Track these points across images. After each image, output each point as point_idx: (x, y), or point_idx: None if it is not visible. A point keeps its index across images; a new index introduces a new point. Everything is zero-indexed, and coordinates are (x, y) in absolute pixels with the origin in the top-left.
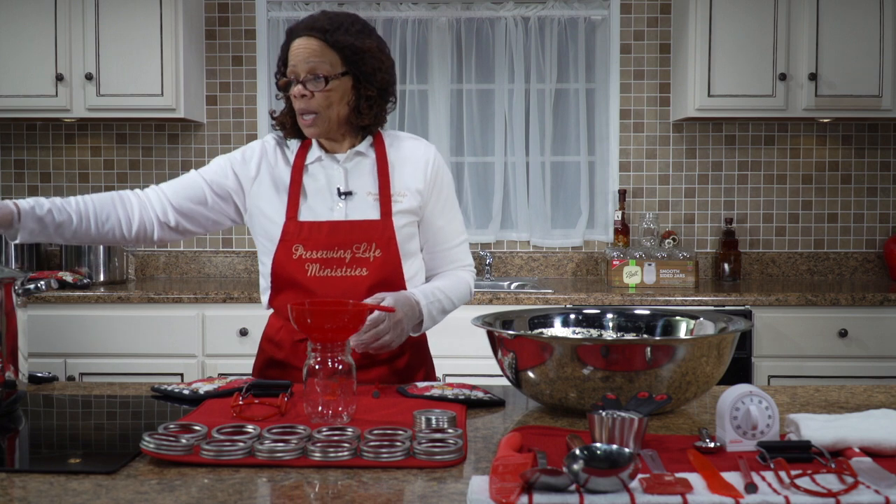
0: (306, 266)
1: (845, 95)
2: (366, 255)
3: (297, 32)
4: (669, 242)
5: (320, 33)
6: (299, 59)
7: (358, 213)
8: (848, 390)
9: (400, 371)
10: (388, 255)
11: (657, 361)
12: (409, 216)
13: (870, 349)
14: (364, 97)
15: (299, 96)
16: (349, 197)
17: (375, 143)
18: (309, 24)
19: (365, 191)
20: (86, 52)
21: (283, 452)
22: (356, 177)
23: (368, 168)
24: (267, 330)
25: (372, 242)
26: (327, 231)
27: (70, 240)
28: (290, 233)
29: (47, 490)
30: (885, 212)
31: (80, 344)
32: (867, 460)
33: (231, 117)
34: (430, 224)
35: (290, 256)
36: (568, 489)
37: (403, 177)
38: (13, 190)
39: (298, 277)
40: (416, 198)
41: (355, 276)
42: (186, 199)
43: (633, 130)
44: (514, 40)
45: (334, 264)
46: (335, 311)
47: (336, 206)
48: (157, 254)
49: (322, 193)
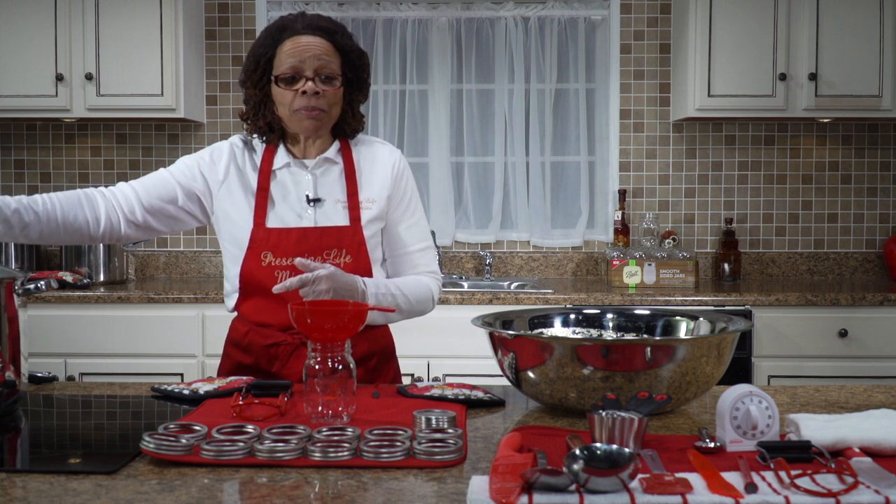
0: (276, 273)
1: (845, 95)
2: (336, 262)
3: (295, 29)
4: (669, 242)
5: (326, 34)
6: (308, 56)
7: (326, 219)
8: (848, 390)
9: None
10: (359, 261)
11: (657, 361)
12: (378, 223)
13: (870, 349)
14: (356, 102)
15: (311, 93)
16: (318, 204)
17: (342, 149)
18: (312, 22)
19: (333, 198)
20: (86, 52)
21: (283, 452)
22: (325, 184)
23: (337, 175)
24: (232, 335)
25: (342, 249)
26: (296, 238)
27: (35, 240)
28: (259, 239)
29: (47, 490)
30: (885, 212)
31: (80, 344)
32: (867, 460)
33: (231, 117)
34: (392, 228)
35: (258, 263)
36: (568, 489)
37: (371, 184)
38: (13, 190)
39: (268, 284)
40: (384, 204)
41: None
42: (157, 198)
43: (633, 130)
44: (514, 40)
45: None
46: (335, 311)
47: (305, 212)
48: (157, 254)
49: (290, 200)
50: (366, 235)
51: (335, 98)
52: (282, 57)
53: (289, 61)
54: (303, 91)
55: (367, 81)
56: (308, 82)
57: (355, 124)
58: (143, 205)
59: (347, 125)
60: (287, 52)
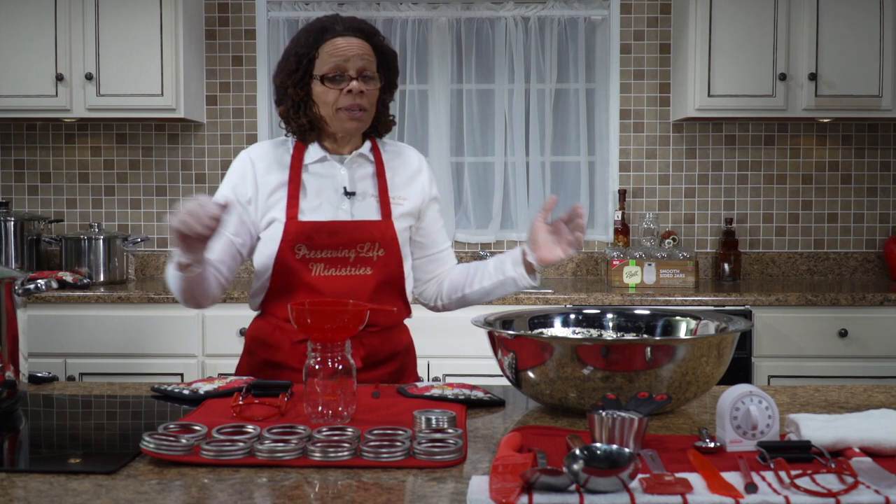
0: (310, 265)
1: (845, 95)
2: (370, 255)
3: (336, 30)
4: (669, 242)
5: (364, 35)
6: (351, 55)
7: (361, 213)
8: (848, 390)
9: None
10: (391, 255)
11: (657, 361)
12: (409, 220)
13: (870, 349)
14: (387, 101)
15: (356, 92)
16: (353, 197)
17: (373, 148)
18: (352, 24)
19: (368, 192)
20: (86, 52)
21: (283, 452)
22: (358, 179)
23: (369, 171)
24: (256, 333)
25: (375, 242)
26: (331, 231)
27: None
28: (292, 232)
29: (47, 490)
30: (885, 212)
31: (80, 344)
32: (867, 460)
33: (231, 117)
34: (429, 227)
35: (293, 256)
36: (568, 489)
37: (404, 182)
38: (13, 190)
39: (303, 277)
40: (418, 203)
41: (360, 275)
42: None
43: (633, 130)
44: (514, 40)
45: (339, 264)
46: (335, 311)
47: (341, 206)
48: (157, 254)
49: (325, 193)
50: (397, 230)
51: (374, 97)
52: (324, 57)
53: (333, 61)
54: (348, 90)
55: (396, 82)
56: (353, 81)
57: (388, 123)
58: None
59: (381, 124)
60: (329, 52)
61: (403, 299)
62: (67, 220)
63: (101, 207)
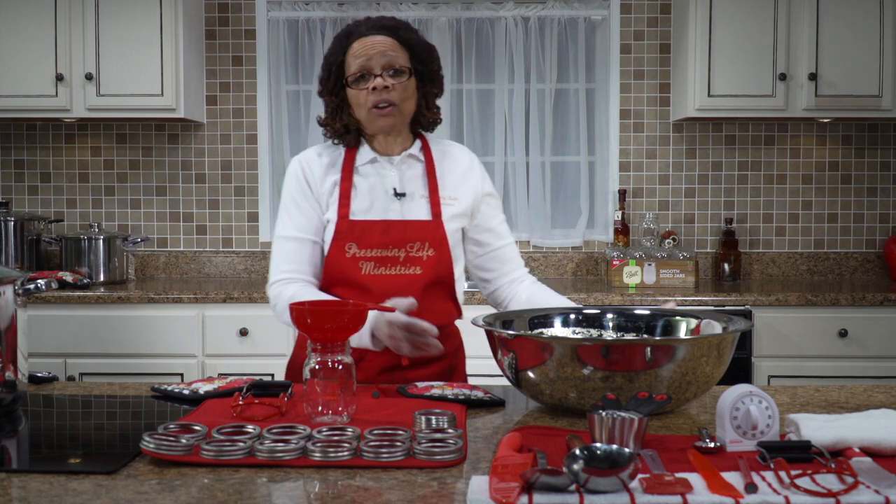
0: (360, 264)
1: (845, 95)
2: (419, 255)
3: (360, 32)
4: (669, 242)
5: (390, 31)
6: (374, 53)
7: (412, 213)
8: (848, 390)
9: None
10: (441, 255)
11: (657, 361)
12: (460, 220)
13: (870, 349)
14: (430, 95)
15: (381, 88)
16: (403, 197)
17: (423, 147)
18: (375, 23)
19: (418, 193)
20: (86, 52)
21: (283, 452)
22: (409, 178)
23: (420, 171)
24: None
25: (425, 242)
26: (381, 230)
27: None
28: (343, 231)
29: (47, 490)
30: (885, 212)
31: (80, 344)
32: (867, 460)
33: (231, 117)
34: (486, 224)
35: (343, 255)
36: (568, 489)
37: (455, 181)
38: (13, 190)
39: (353, 275)
40: (469, 202)
41: (409, 274)
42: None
43: (633, 130)
44: (514, 40)
45: (388, 263)
46: (335, 310)
47: (391, 206)
48: (157, 254)
49: (376, 193)
50: (447, 230)
51: (406, 92)
52: (350, 59)
53: (357, 62)
54: (373, 87)
55: (438, 73)
56: (377, 78)
57: (431, 116)
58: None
59: (424, 118)
60: (354, 53)
61: (454, 300)
62: (67, 220)
63: (101, 207)
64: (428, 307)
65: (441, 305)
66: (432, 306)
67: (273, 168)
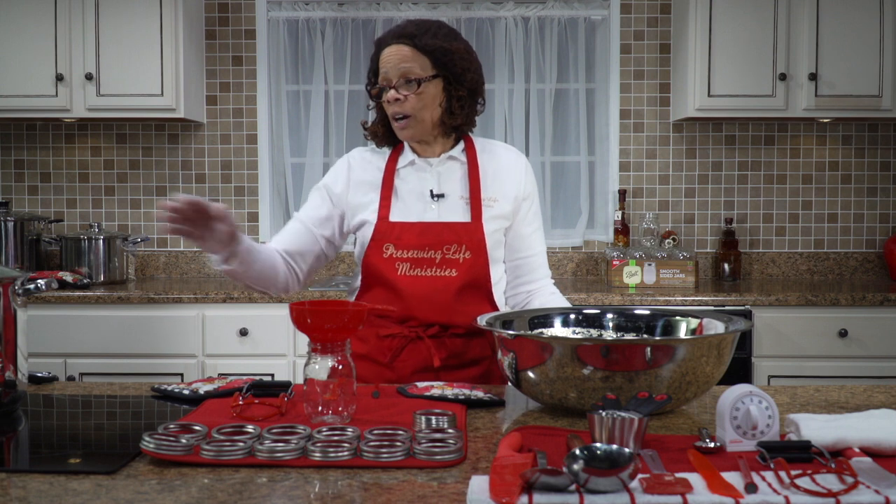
0: (397, 265)
1: (845, 95)
2: (455, 257)
3: (385, 42)
4: (669, 242)
5: (408, 39)
6: (390, 66)
7: (450, 215)
8: (848, 390)
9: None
10: (478, 258)
11: (657, 361)
12: (500, 222)
13: (870, 349)
14: (455, 97)
15: (393, 101)
16: (441, 199)
17: (467, 148)
18: (397, 32)
19: (457, 194)
20: (86, 52)
21: (283, 452)
22: (448, 180)
23: (460, 172)
24: None
25: (462, 244)
26: (418, 231)
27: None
28: (382, 232)
29: (47, 490)
30: (885, 212)
31: (80, 344)
32: (867, 460)
33: (231, 117)
34: (519, 230)
35: (380, 255)
36: (568, 489)
37: (497, 183)
38: (13, 190)
39: (389, 276)
40: (509, 204)
41: (445, 276)
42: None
43: (633, 130)
44: (514, 40)
45: (424, 264)
46: (335, 310)
47: (429, 207)
48: (157, 254)
49: (414, 195)
50: (486, 232)
51: (422, 101)
52: (379, 69)
53: (381, 73)
54: (387, 100)
55: (463, 75)
56: (390, 90)
57: (459, 119)
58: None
59: (453, 120)
60: (381, 63)
61: (491, 302)
62: (67, 220)
63: (101, 207)
64: (462, 309)
65: (476, 308)
66: (466, 308)
67: (273, 168)
